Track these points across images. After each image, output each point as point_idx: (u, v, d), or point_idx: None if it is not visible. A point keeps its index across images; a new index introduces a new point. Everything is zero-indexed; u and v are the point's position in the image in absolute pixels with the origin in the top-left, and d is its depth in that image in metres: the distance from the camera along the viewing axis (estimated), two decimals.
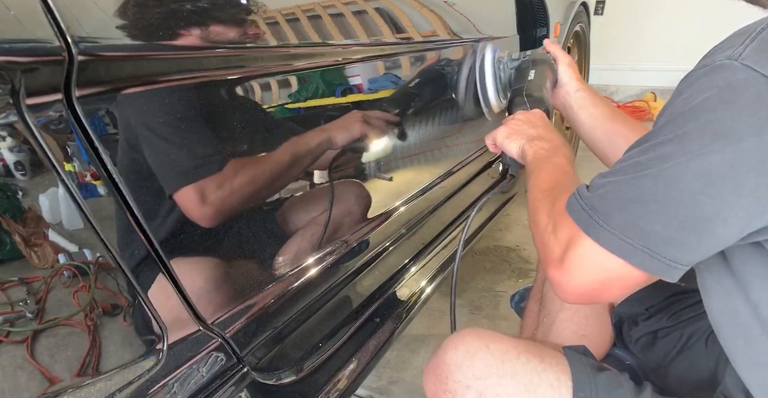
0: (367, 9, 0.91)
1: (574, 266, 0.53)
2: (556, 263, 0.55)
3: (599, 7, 4.29)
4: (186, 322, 0.60)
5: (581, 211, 0.53)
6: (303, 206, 0.81)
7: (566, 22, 2.05)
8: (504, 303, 1.63)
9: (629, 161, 0.52)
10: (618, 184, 0.51)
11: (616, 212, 0.50)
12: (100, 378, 0.51)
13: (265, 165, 0.71)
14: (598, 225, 0.51)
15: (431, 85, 1.14)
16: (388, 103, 0.99)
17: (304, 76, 0.77)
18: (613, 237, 0.50)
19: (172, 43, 0.54)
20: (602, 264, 0.51)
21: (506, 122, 0.87)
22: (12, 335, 0.45)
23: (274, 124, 0.74)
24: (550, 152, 0.75)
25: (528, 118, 0.85)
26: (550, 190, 0.65)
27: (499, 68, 1.16)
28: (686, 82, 0.52)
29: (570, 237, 0.54)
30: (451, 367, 0.65)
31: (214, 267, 0.64)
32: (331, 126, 0.83)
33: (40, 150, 0.45)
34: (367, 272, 0.97)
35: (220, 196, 0.63)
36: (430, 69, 1.14)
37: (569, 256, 0.53)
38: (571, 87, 1.00)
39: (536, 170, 0.72)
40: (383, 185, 1.02)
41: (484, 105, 1.20)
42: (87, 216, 0.49)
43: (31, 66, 0.43)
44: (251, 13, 0.65)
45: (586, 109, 0.96)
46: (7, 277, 0.45)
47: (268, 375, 0.70)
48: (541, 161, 0.73)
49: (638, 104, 4.02)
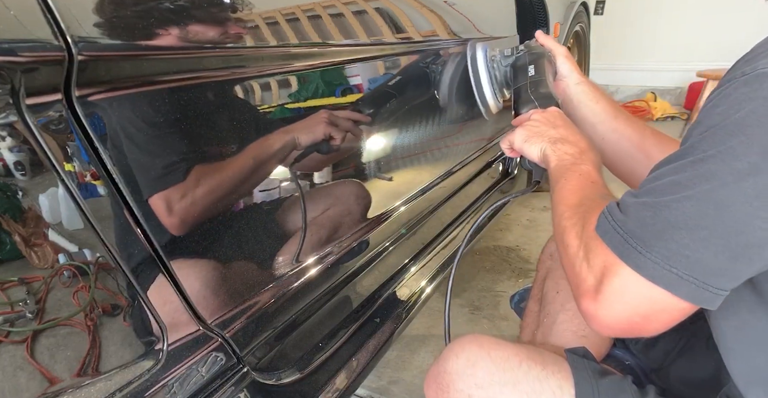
0: (359, 8, 0.91)
1: (612, 298, 0.48)
2: (591, 293, 0.50)
3: (599, 7, 4.30)
4: (186, 322, 0.60)
5: (616, 235, 0.49)
6: (302, 206, 0.81)
7: (566, 22, 2.05)
8: (504, 303, 1.63)
9: (664, 180, 0.47)
10: (657, 206, 0.47)
11: (658, 239, 0.46)
12: (100, 378, 0.51)
13: (250, 164, 0.71)
14: (637, 252, 0.46)
15: (416, 87, 1.10)
16: (367, 104, 0.94)
17: (299, 76, 0.77)
18: (656, 266, 0.45)
19: (173, 43, 0.54)
20: (644, 295, 0.47)
21: (523, 124, 0.80)
22: (12, 335, 0.45)
23: (273, 123, 0.73)
24: (575, 157, 0.68)
25: (546, 117, 0.78)
26: (577, 206, 0.59)
27: (493, 67, 1.10)
28: (723, 92, 0.47)
29: (605, 265, 0.49)
30: (453, 376, 0.64)
31: (213, 267, 0.64)
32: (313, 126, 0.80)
33: (40, 150, 0.45)
34: (366, 272, 0.97)
35: (212, 196, 0.63)
36: (414, 70, 1.09)
37: (606, 286, 0.48)
38: (571, 80, 0.94)
39: (561, 180, 0.65)
40: (384, 186, 1.02)
41: (481, 105, 1.15)
42: (87, 216, 0.49)
43: (31, 66, 0.43)
44: (249, 13, 0.65)
45: (587, 104, 0.91)
46: (7, 277, 0.45)
47: (268, 375, 0.70)
48: (566, 169, 0.67)
49: (638, 103, 4.03)
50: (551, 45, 0.99)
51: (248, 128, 0.68)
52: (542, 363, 0.64)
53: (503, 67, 1.07)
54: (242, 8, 0.65)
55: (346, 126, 0.86)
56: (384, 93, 1.00)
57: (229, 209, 0.65)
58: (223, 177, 0.63)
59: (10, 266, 0.45)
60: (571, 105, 0.93)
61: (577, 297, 0.52)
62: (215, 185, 0.62)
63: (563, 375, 0.63)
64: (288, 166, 0.75)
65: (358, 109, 0.91)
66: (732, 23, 3.86)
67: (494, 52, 1.09)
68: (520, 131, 0.78)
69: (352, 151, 0.90)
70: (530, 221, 2.21)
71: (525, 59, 0.97)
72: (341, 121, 0.84)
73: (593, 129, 0.90)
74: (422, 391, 0.70)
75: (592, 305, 0.50)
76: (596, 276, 0.50)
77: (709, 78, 3.48)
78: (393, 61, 1.02)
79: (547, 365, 0.64)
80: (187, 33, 0.56)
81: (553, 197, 0.65)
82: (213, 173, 0.62)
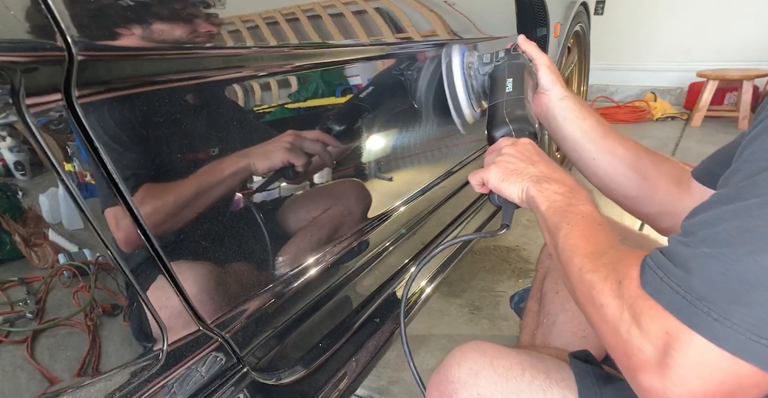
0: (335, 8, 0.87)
1: (686, 374, 0.40)
2: (653, 367, 0.41)
3: (599, 7, 4.30)
4: (186, 322, 0.60)
5: (676, 296, 0.40)
6: (302, 207, 0.81)
7: (566, 22, 2.05)
8: (504, 303, 1.63)
9: (725, 226, 0.40)
10: (726, 260, 0.39)
11: (737, 303, 0.38)
12: (100, 378, 0.51)
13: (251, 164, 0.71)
14: (711, 319, 0.38)
15: (390, 98, 1.00)
16: (336, 119, 0.86)
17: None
18: (739, 337, 0.37)
19: (173, 43, 0.54)
20: (727, 371, 0.38)
21: (495, 160, 0.70)
22: (12, 335, 0.45)
23: (276, 122, 0.73)
24: (566, 196, 0.61)
25: (521, 151, 0.70)
26: (598, 255, 0.51)
27: (470, 75, 0.98)
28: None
29: (667, 332, 0.40)
30: (456, 385, 0.63)
31: (213, 267, 0.64)
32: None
33: (40, 150, 0.45)
34: (366, 272, 0.97)
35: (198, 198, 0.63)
36: (387, 79, 0.99)
37: (674, 359, 0.40)
38: (554, 94, 0.86)
39: (563, 226, 0.58)
40: (385, 185, 1.02)
41: (456, 117, 1.03)
42: (87, 216, 0.49)
43: (31, 66, 0.43)
44: (249, 13, 0.65)
45: (573, 121, 0.84)
46: (7, 277, 0.45)
47: (268, 375, 0.70)
48: (563, 211, 0.59)
49: (638, 103, 4.03)
50: (533, 53, 0.90)
51: (251, 127, 0.68)
52: (545, 372, 0.63)
53: (481, 75, 0.97)
54: (242, 9, 0.65)
55: (314, 149, 0.79)
56: (356, 107, 0.91)
57: (228, 209, 0.65)
58: (224, 177, 0.63)
59: (10, 266, 0.45)
60: (555, 122, 0.86)
61: (630, 370, 0.44)
62: (216, 185, 0.62)
63: (567, 383, 0.62)
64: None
65: (328, 127, 0.84)
66: (732, 23, 3.87)
67: (472, 59, 0.99)
68: (495, 169, 0.69)
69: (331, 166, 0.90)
70: (530, 221, 2.21)
71: (503, 71, 0.88)
72: (308, 144, 0.78)
73: (582, 149, 0.84)
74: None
75: (658, 381, 0.41)
76: (656, 346, 0.41)
77: (709, 78, 3.49)
78: (364, 67, 0.94)
79: (550, 373, 0.63)
80: (188, 33, 0.56)
81: (558, 246, 0.57)
82: (214, 172, 0.62)
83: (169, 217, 0.57)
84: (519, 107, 0.78)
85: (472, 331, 1.51)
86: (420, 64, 1.06)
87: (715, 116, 3.63)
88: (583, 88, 2.65)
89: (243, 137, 0.67)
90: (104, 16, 0.47)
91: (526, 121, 0.76)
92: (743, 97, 3.41)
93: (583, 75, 2.62)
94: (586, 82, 2.67)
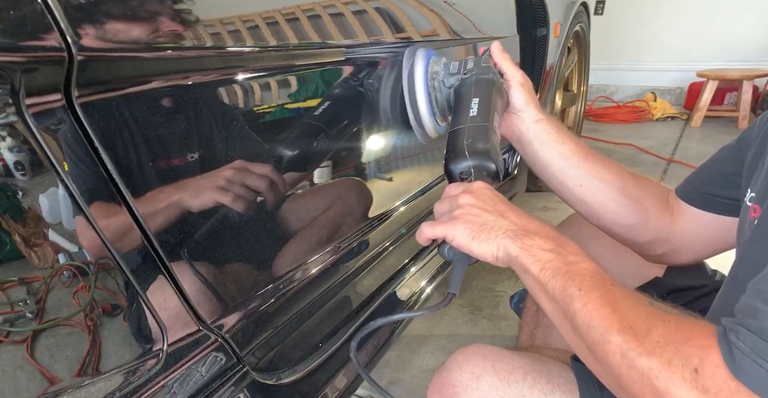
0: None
1: None
2: None
3: (599, 7, 4.30)
4: (186, 322, 0.60)
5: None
6: (302, 207, 0.82)
7: (566, 22, 2.05)
8: (504, 303, 1.63)
9: None
10: None
11: None
12: (100, 378, 0.51)
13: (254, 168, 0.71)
14: None
15: (343, 110, 0.86)
16: (290, 146, 0.74)
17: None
18: None
19: (173, 43, 0.54)
20: None
21: (455, 214, 0.60)
22: (12, 335, 0.45)
23: (280, 121, 0.74)
24: (558, 253, 0.53)
25: (481, 200, 0.60)
26: (643, 332, 0.43)
27: (434, 87, 0.85)
28: None
29: None
30: (458, 389, 0.63)
31: (213, 267, 0.64)
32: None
33: (40, 150, 0.45)
34: (366, 272, 0.97)
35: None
36: (345, 92, 0.86)
37: None
38: (527, 116, 0.77)
39: (571, 292, 0.49)
40: (384, 185, 1.02)
41: (416, 127, 0.89)
42: (87, 216, 0.49)
43: (31, 66, 0.43)
44: (248, 13, 0.65)
45: (551, 146, 0.76)
46: (7, 277, 0.45)
47: (268, 375, 0.70)
48: (563, 273, 0.51)
49: (638, 103, 4.03)
50: (506, 68, 0.79)
51: (252, 126, 0.68)
52: (547, 375, 0.63)
53: (446, 88, 0.83)
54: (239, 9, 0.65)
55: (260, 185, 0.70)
56: (310, 128, 0.79)
57: (229, 209, 0.65)
58: (225, 176, 0.63)
59: (10, 266, 0.45)
60: (532, 147, 0.78)
61: None
62: (216, 185, 0.62)
63: (569, 387, 0.61)
64: (289, 165, 0.75)
65: (279, 155, 0.72)
66: (732, 23, 3.87)
67: (437, 68, 0.86)
68: (461, 225, 0.58)
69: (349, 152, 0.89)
70: None
71: (470, 87, 0.76)
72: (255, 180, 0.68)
73: (565, 175, 0.77)
74: (422, 391, 0.70)
75: None
76: None
77: (709, 78, 3.49)
78: (323, 74, 0.82)
79: (552, 377, 0.63)
80: (188, 33, 0.56)
81: (577, 319, 0.47)
82: (214, 172, 0.62)
83: (169, 217, 0.57)
84: (482, 138, 0.68)
85: (472, 331, 1.52)
86: (382, 71, 0.92)
87: (715, 116, 3.63)
88: (583, 88, 2.64)
89: (246, 136, 0.67)
90: (104, 16, 0.48)
91: (488, 157, 0.66)
92: (743, 97, 3.41)
93: (583, 75, 2.62)
94: (586, 82, 2.67)
